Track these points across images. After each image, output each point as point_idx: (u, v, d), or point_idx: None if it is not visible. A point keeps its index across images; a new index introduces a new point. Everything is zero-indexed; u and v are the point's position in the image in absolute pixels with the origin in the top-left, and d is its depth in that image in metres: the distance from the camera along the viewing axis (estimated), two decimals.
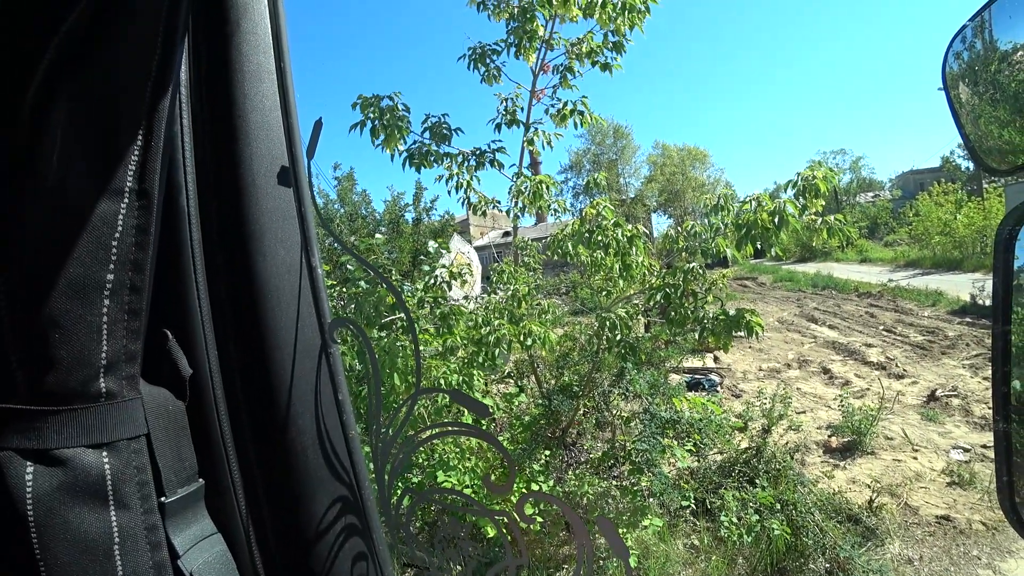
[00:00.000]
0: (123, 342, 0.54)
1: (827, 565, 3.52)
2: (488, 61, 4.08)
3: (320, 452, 0.74)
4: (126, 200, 0.52)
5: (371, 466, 0.82)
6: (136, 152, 0.52)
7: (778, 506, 3.92)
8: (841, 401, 6.36)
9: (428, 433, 0.79)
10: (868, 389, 7.63)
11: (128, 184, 0.52)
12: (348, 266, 4.99)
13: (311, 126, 0.76)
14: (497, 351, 3.50)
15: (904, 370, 8.45)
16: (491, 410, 3.25)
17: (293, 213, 0.74)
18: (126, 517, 0.53)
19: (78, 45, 0.48)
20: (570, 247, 3.95)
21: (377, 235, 6.58)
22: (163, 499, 0.59)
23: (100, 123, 0.50)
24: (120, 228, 0.52)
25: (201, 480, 0.66)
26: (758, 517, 3.75)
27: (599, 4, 3.55)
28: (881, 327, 11.78)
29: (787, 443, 5.32)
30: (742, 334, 3.68)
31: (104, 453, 0.52)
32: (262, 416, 0.70)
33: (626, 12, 3.62)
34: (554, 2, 3.42)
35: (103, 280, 0.51)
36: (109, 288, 0.51)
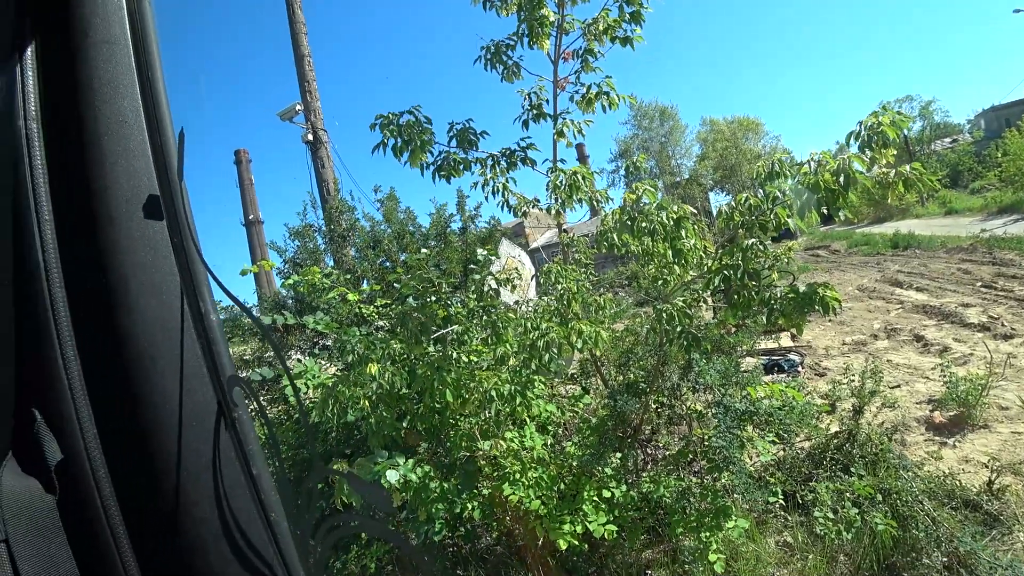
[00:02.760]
0: None
1: (944, 559, 3.12)
2: (505, 57, 3.93)
3: (228, 545, 0.60)
4: None
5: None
6: None
7: (879, 496, 3.53)
8: (941, 370, 5.75)
9: (336, 526, 0.63)
10: (971, 354, 6.90)
11: None
12: (395, 284, 4.98)
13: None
14: (547, 355, 3.34)
15: (1012, 329, 7.60)
16: (393, 501, 3.11)
17: (167, 251, 0.60)
18: None
19: None
20: (615, 238, 3.74)
21: (423, 250, 6.58)
22: None
23: None
24: None
25: None
26: (857, 510, 3.38)
27: None
28: (978, 283, 10.72)
29: (883, 423, 4.84)
30: (818, 310, 3.34)
31: None
32: (149, 508, 0.57)
33: None
34: None
35: None
36: None
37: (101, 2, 0.60)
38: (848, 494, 3.63)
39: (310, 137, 10.73)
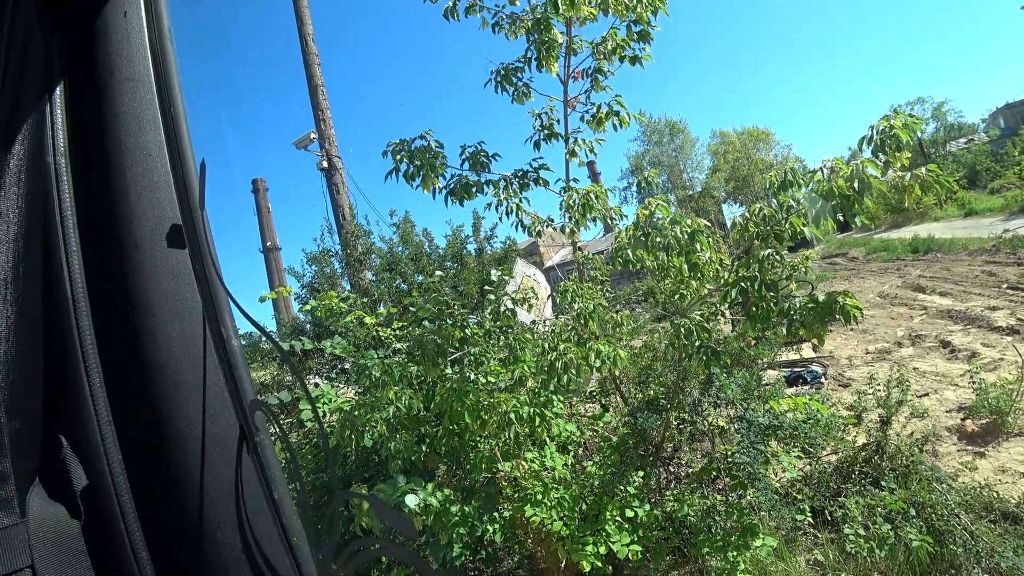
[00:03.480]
0: None
1: None
2: (514, 80, 3.98)
3: (251, 569, 0.60)
4: None
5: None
6: None
7: (912, 511, 3.42)
8: (970, 377, 5.59)
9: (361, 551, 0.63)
10: (1001, 359, 6.71)
11: None
12: (411, 307, 5.00)
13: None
14: (566, 376, 3.32)
15: None
16: (417, 528, 3.09)
17: (190, 278, 0.62)
18: None
19: None
20: (630, 254, 3.73)
21: (438, 272, 6.61)
22: None
23: None
24: None
25: None
26: (890, 526, 3.27)
27: None
28: (1004, 285, 10.47)
29: (912, 433, 4.71)
30: (839, 319, 3.28)
31: None
32: (173, 533, 0.57)
33: None
34: (561, 6, 3.27)
35: None
36: None
37: (126, 41, 0.63)
38: (879, 509, 3.52)
39: (325, 164, 10.93)
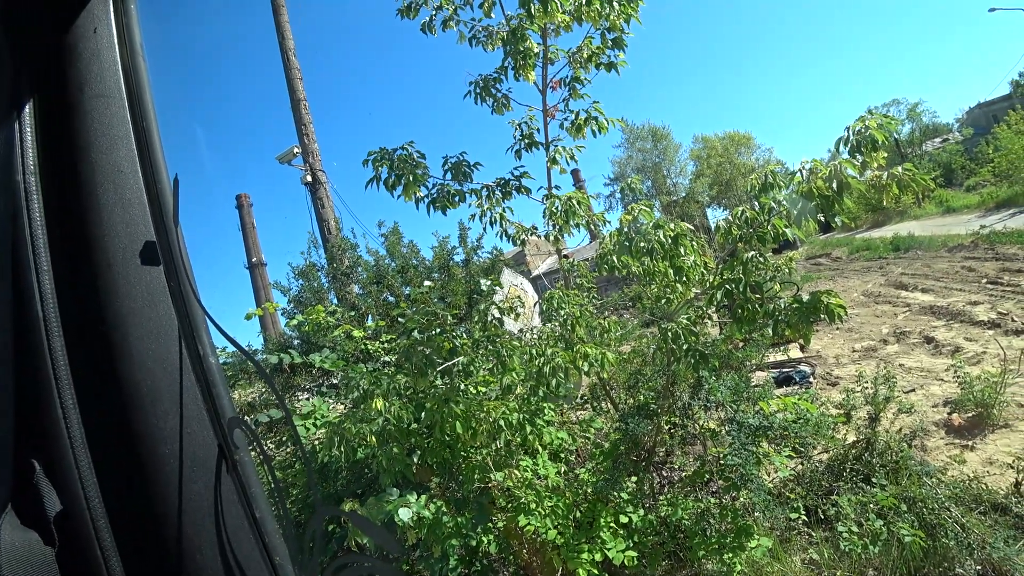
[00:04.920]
0: None
1: (978, 567, 3.02)
2: (493, 90, 4.01)
3: None
4: None
5: None
6: None
7: (903, 506, 3.44)
8: (955, 371, 5.66)
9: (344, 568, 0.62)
10: (984, 352, 6.81)
11: None
12: (400, 319, 4.98)
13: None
14: (554, 381, 3.31)
15: (1023, 324, 7.52)
16: (408, 539, 3.07)
17: (165, 296, 0.60)
18: None
19: None
20: (615, 260, 3.74)
21: (426, 282, 6.59)
22: None
23: None
24: None
25: None
26: (882, 522, 3.29)
27: (584, 2, 3.40)
28: (984, 280, 10.65)
29: (900, 429, 4.75)
30: (824, 319, 3.31)
31: None
32: (151, 557, 0.56)
33: (615, 4, 3.46)
34: (535, 14, 3.31)
35: None
36: None
37: (96, 58, 0.62)
38: (872, 505, 3.54)
39: (309, 178, 10.89)
